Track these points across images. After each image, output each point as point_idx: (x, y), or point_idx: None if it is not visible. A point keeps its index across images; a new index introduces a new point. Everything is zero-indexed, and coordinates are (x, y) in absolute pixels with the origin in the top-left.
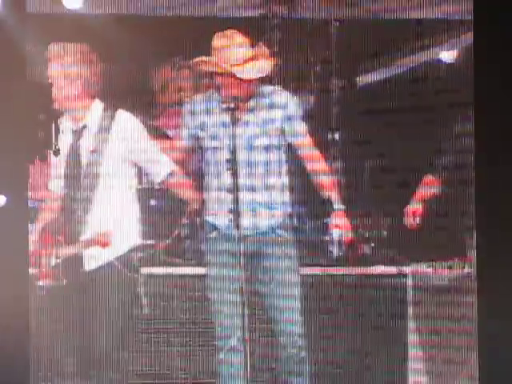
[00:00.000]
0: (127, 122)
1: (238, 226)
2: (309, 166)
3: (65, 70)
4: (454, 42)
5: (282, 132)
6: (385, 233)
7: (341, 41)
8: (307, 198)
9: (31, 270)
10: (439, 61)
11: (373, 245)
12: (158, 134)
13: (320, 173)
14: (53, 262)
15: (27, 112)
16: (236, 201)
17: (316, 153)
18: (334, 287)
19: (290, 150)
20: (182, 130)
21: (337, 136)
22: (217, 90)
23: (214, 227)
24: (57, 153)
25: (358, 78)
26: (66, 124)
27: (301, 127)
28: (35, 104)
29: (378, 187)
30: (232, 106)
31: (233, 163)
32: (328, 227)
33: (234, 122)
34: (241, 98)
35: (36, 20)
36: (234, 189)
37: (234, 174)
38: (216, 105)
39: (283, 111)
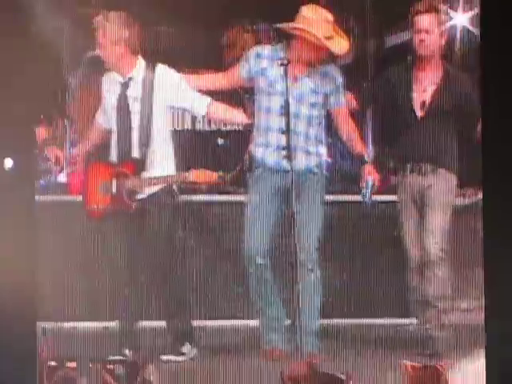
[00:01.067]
0: (166, 73)
1: (281, 163)
2: (344, 129)
3: (109, 34)
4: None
5: (327, 97)
6: (409, 166)
7: (375, 4)
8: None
9: (79, 198)
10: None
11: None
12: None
13: (352, 135)
14: (113, 189)
15: (34, 77)
16: (282, 142)
17: (350, 120)
18: (359, 213)
19: (331, 113)
20: (243, 67)
21: (370, 84)
22: (282, 48)
23: (261, 162)
24: (64, 116)
25: (387, 38)
26: (114, 77)
27: (342, 97)
28: (42, 69)
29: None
30: (285, 62)
31: (285, 111)
32: (361, 177)
33: (291, 78)
34: (304, 61)
35: None
36: (282, 132)
37: (284, 121)
38: (279, 59)
39: (331, 81)
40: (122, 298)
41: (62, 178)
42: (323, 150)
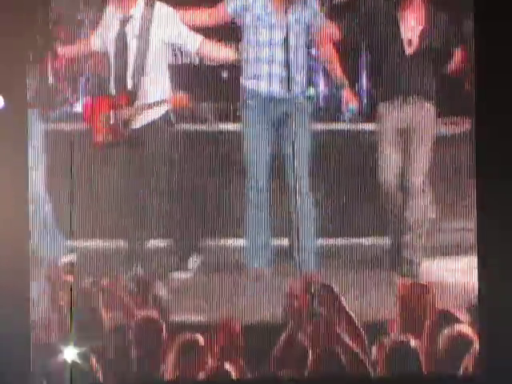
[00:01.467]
0: (164, 10)
1: (273, 93)
2: (324, 56)
3: None
4: None
5: (309, 26)
6: (394, 98)
7: None
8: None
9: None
10: None
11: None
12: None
13: (332, 62)
14: (111, 120)
15: (25, 16)
16: (273, 71)
17: (331, 48)
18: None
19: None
20: (229, 4)
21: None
22: None
23: (254, 94)
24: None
25: None
26: (114, 13)
27: (322, 25)
28: (33, 9)
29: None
30: None
31: (274, 42)
32: (342, 99)
33: (276, 10)
34: None
35: None
36: (273, 62)
37: (274, 51)
38: None
39: (311, 9)
40: (129, 220)
41: (78, 107)
42: (312, 78)
